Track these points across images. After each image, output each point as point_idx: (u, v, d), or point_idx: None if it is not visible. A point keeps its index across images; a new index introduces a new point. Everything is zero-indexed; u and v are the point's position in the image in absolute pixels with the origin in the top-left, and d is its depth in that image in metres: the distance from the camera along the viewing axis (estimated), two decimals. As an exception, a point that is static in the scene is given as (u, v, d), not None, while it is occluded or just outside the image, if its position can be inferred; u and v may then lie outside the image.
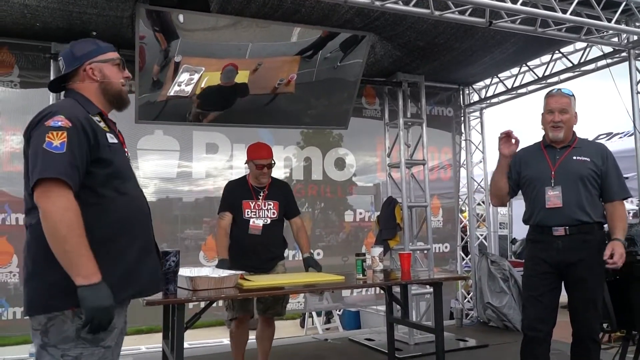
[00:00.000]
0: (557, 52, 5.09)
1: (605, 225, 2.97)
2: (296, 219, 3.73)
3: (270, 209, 3.61)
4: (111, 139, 1.86)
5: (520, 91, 5.74)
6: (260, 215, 3.58)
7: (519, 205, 9.41)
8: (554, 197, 2.89)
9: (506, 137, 3.07)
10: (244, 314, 3.56)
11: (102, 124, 1.86)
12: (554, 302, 2.94)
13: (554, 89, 3.10)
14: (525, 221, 3.08)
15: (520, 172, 3.09)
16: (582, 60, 4.95)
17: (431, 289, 3.38)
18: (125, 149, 1.97)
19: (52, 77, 4.09)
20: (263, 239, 3.55)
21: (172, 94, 4.18)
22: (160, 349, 2.92)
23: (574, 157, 2.92)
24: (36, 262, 1.72)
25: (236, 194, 3.62)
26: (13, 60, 4.27)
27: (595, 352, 2.87)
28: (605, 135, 7.21)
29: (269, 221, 3.59)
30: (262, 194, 3.62)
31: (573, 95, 2.99)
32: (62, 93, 2.00)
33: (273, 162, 3.66)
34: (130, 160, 2.05)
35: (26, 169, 1.77)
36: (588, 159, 2.91)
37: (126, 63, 2.05)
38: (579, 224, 2.84)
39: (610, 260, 2.74)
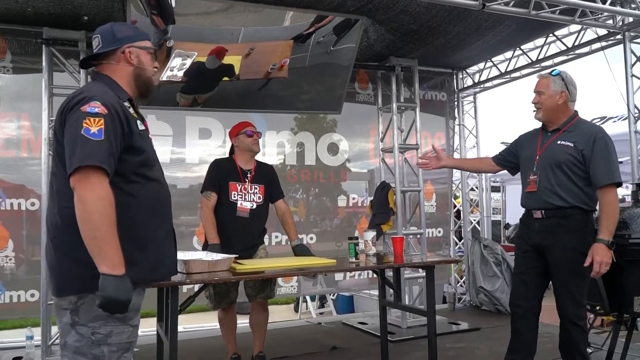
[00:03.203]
0: (551, 35, 5.09)
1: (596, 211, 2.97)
2: (280, 202, 3.67)
3: (256, 192, 3.55)
4: (140, 125, 1.89)
5: (514, 75, 5.74)
6: (246, 198, 3.52)
7: (512, 190, 9.49)
8: (532, 182, 2.97)
9: (424, 163, 3.43)
10: (226, 305, 3.55)
11: (131, 110, 1.89)
12: (536, 280, 3.00)
13: (552, 71, 3.09)
14: (520, 203, 3.18)
15: (517, 153, 3.20)
16: (576, 43, 4.96)
17: (424, 273, 3.42)
18: (150, 135, 2.00)
19: (44, 62, 4.08)
20: (249, 223, 3.51)
21: (164, 78, 4.16)
22: (155, 333, 2.94)
23: (559, 142, 2.93)
24: (69, 244, 1.74)
25: (223, 173, 3.52)
26: (5, 46, 4.25)
27: (577, 335, 2.89)
28: (599, 119, 7.24)
29: (254, 205, 3.53)
30: (248, 176, 3.57)
31: (559, 74, 2.97)
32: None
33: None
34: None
35: (58, 151, 1.79)
36: (571, 144, 2.88)
37: None
38: (554, 208, 2.88)
39: (593, 273, 2.77)
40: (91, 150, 1.66)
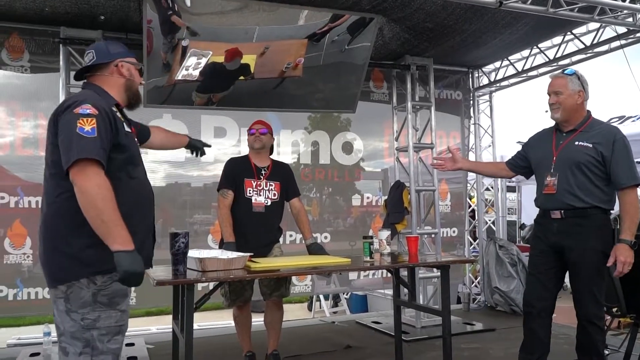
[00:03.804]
0: (569, 33, 5.01)
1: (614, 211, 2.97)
2: (295, 201, 3.69)
3: (271, 189, 3.58)
4: (127, 127, 2.08)
5: (530, 74, 5.67)
6: (261, 194, 3.54)
7: (527, 190, 9.40)
8: (550, 183, 2.95)
9: (439, 164, 3.41)
10: (241, 303, 3.57)
11: (118, 114, 2.07)
12: (552, 280, 3.00)
13: (564, 70, 3.10)
14: (535, 204, 3.17)
15: (529, 155, 3.18)
16: (594, 42, 4.87)
17: (438, 273, 3.40)
18: (136, 139, 2.20)
19: (61, 62, 4.13)
20: (264, 219, 3.53)
21: (179, 78, 4.19)
22: (171, 330, 2.96)
23: (576, 143, 2.93)
24: (54, 237, 1.94)
25: (238, 170, 3.57)
26: (23, 45, 4.30)
27: (597, 335, 2.88)
28: (617, 119, 7.14)
29: (269, 202, 3.56)
30: (263, 173, 3.61)
31: (575, 73, 2.98)
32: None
33: (267, 131, 3.63)
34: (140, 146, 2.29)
35: (50, 151, 1.96)
36: (590, 145, 2.88)
37: (134, 47, 2.24)
38: (573, 209, 2.87)
39: (616, 272, 2.79)
40: (86, 146, 1.83)
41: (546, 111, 3.05)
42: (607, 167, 2.85)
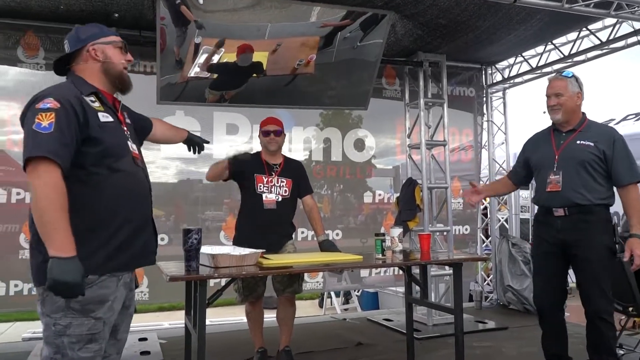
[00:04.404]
0: (584, 29, 4.96)
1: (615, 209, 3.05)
2: (308, 198, 3.68)
3: (282, 186, 3.58)
4: (104, 117, 1.92)
5: (545, 70, 5.60)
6: (272, 191, 3.55)
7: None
8: (554, 181, 3.02)
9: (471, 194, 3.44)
10: (254, 299, 3.58)
11: (96, 104, 1.93)
12: (558, 278, 3.08)
13: (562, 72, 3.22)
14: (534, 202, 3.29)
15: (528, 158, 3.27)
16: (610, 38, 4.81)
17: (450, 271, 3.38)
18: (125, 128, 2.04)
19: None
20: (276, 215, 3.53)
21: (192, 75, 4.20)
22: (183, 325, 2.98)
23: (578, 142, 3.03)
24: (33, 238, 1.82)
25: (250, 165, 3.54)
26: (38, 43, 4.34)
27: (608, 331, 2.92)
28: (634, 115, 7.04)
29: (280, 198, 3.55)
30: (275, 170, 3.61)
31: (573, 76, 3.10)
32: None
33: (283, 130, 3.64)
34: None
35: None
36: (592, 144, 2.99)
37: (148, 45, 2.11)
38: (577, 206, 2.95)
39: (633, 266, 2.87)
40: (39, 142, 1.71)
41: (544, 112, 3.18)
42: (608, 165, 2.94)
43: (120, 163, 1.92)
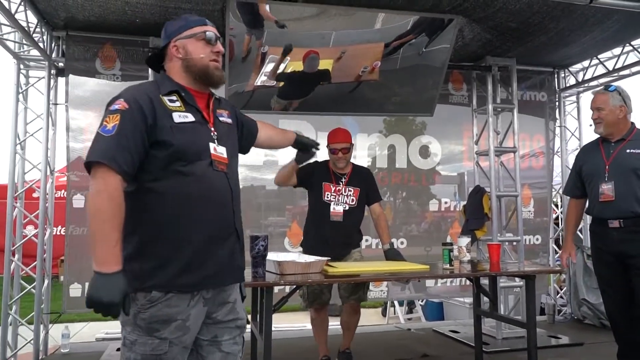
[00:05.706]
0: (667, 29, 4.65)
1: None
2: (376, 206, 3.66)
3: (349, 195, 3.58)
4: (180, 117, 1.76)
5: (622, 73, 5.28)
6: (339, 200, 3.56)
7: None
8: (606, 190, 3.06)
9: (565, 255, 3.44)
10: (319, 305, 3.59)
11: (176, 103, 1.78)
12: (626, 290, 3.06)
13: (607, 87, 3.30)
14: (587, 212, 3.32)
15: (580, 171, 3.33)
16: (696, 38, 4.50)
17: (521, 282, 3.26)
18: (212, 128, 1.85)
19: (150, 70, 4.34)
20: (342, 226, 3.53)
21: (258, 83, 4.29)
22: (249, 331, 3.03)
23: (628, 150, 3.09)
24: None
25: (318, 174, 3.59)
26: (115, 55, 4.57)
27: None
28: None
29: (347, 207, 3.56)
30: (343, 180, 3.61)
31: (616, 90, 3.18)
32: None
33: (351, 145, 3.64)
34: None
35: None
36: None
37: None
38: (634, 217, 2.96)
39: None
40: (99, 147, 1.63)
41: (590, 125, 3.30)
42: None
43: (192, 166, 1.73)
